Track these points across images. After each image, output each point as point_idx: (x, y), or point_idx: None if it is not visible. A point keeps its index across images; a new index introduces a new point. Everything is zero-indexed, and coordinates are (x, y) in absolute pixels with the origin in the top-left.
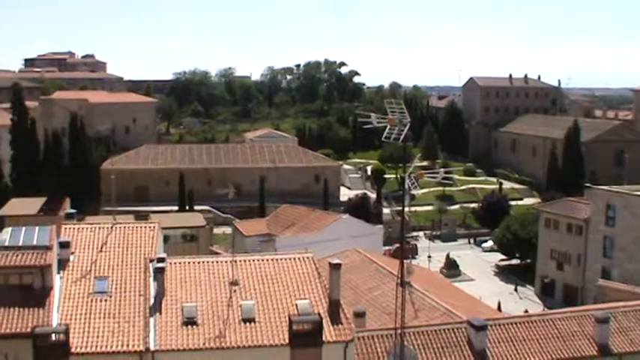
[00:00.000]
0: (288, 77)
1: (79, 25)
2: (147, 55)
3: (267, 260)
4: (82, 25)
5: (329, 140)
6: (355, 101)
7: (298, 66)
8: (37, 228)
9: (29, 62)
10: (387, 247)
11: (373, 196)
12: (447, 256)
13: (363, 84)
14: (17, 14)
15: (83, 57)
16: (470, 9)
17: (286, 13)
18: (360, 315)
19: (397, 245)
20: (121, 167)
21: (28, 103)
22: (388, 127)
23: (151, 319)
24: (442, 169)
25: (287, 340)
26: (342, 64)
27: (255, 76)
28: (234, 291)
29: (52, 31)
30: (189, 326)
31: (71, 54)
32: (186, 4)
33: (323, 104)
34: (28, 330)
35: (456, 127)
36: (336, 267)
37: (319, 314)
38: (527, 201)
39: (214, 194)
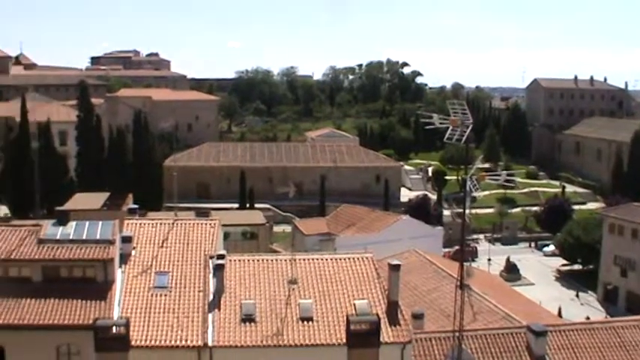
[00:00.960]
0: (351, 77)
1: (144, 24)
2: (210, 54)
3: (327, 259)
4: (147, 24)
5: (390, 140)
6: (417, 102)
7: (360, 66)
8: (100, 222)
9: (95, 60)
10: (446, 249)
11: (434, 197)
12: (507, 259)
13: (425, 84)
14: (85, 14)
15: (148, 55)
16: (535, 9)
17: (349, 13)
18: (418, 317)
19: (457, 247)
20: (183, 164)
21: (94, 100)
22: (450, 128)
23: (210, 315)
24: (504, 172)
25: (344, 340)
26: (405, 64)
27: (317, 76)
28: (293, 289)
29: (118, 30)
30: (247, 323)
31: (136, 52)
32: (249, 3)
33: (385, 104)
34: (90, 322)
35: (519, 129)
36: (395, 268)
37: (377, 315)
38: (591, 205)
39: (275, 192)
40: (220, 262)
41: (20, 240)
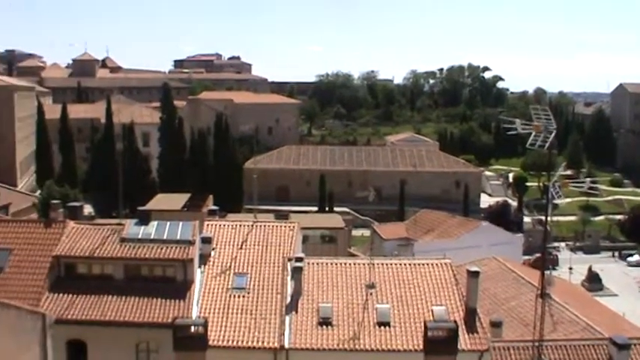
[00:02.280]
0: (431, 81)
1: (226, 28)
2: (291, 58)
3: (405, 264)
4: (230, 28)
5: (471, 146)
6: (498, 107)
7: (441, 70)
8: (181, 223)
9: (178, 63)
10: (526, 257)
11: (514, 203)
12: (590, 268)
13: (507, 89)
14: (169, 18)
15: (229, 59)
16: (620, 13)
17: (430, 17)
18: (496, 325)
19: (538, 255)
20: (264, 167)
21: (177, 103)
22: (533, 133)
23: (287, 317)
24: (588, 179)
25: (421, 346)
26: (486, 68)
27: (398, 80)
28: (371, 294)
29: (201, 34)
30: (324, 326)
31: (218, 56)
32: (329, 7)
33: (465, 109)
34: (169, 321)
35: (604, 135)
36: (474, 274)
37: (455, 322)
38: None
39: (354, 196)
40: (299, 264)
41: (103, 238)
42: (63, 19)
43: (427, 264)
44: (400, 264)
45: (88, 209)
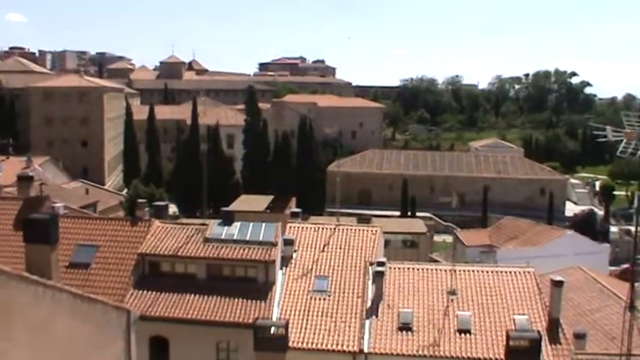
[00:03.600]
0: (517, 86)
1: (311, 31)
2: (376, 62)
3: (487, 272)
4: (314, 31)
5: (556, 153)
6: (586, 113)
7: (527, 75)
8: (263, 224)
9: (263, 66)
10: (613, 268)
11: (600, 212)
12: None
13: (595, 95)
14: (254, 21)
15: (314, 62)
16: None
17: (516, 22)
18: (580, 336)
19: (625, 266)
20: (347, 170)
21: (261, 105)
22: (624, 141)
23: (367, 322)
24: None
25: (502, 356)
26: (573, 74)
27: (483, 85)
28: (452, 300)
29: (286, 37)
30: (404, 332)
31: (302, 59)
32: (416, 10)
33: (551, 115)
34: (250, 321)
35: None
36: (558, 284)
37: (538, 332)
38: None
39: (437, 201)
40: (380, 269)
41: (187, 238)
42: (151, 22)
43: (510, 272)
44: (482, 271)
45: (172, 209)
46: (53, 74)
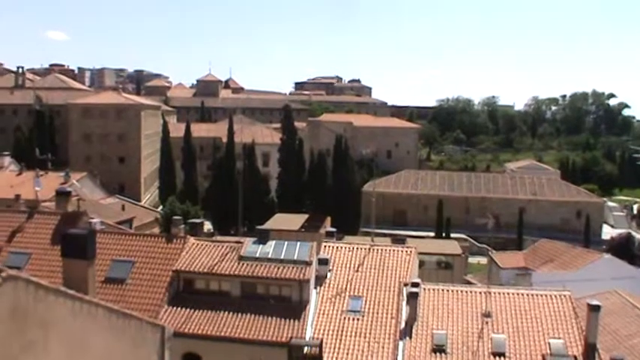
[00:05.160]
0: (553, 108)
1: (347, 51)
2: (411, 82)
3: (523, 294)
4: (350, 51)
5: (594, 175)
6: (624, 135)
7: (564, 96)
8: (298, 243)
9: (299, 85)
10: None
11: (638, 236)
12: None
13: (633, 117)
14: (291, 41)
15: (349, 82)
16: None
17: (553, 43)
18: None
19: None
20: (382, 190)
21: (297, 124)
22: None
23: (401, 343)
24: None
25: None
26: (611, 95)
27: (519, 106)
28: (487, 323)
29: (322, 57)
30: (438, 354)
31: (338, 79)
32: (452, 30)
33: (589, 137)
34: (284, 340)
35: None
36: (594, 308)
37: (575, 357)
38: None
39: (471, 223)
40: (414, 290)
41: (222, 255)
42: (189, 40)
43: (546, 295)
44: (518, 294)
45: (207, 226)
46: (92, 91)
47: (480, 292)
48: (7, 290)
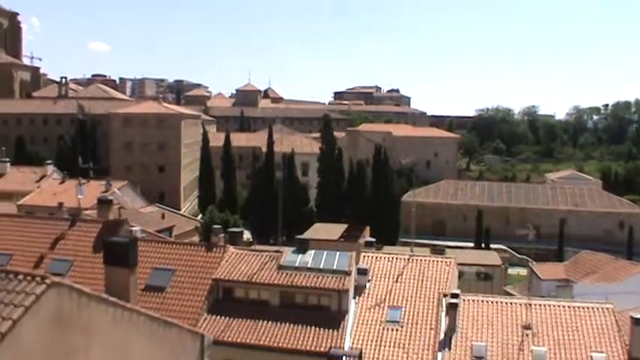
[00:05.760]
0: (595, 117)
1: (385, 61)
2: (450, 91)
3: (564, 307)
4: (389, 61)
5: (636, 185)
6: None
7: (606, 106)
8: (337, 253)
9: (338, 95)
10: None
11: None
12: None
13: None
14: (330, 50)
15: (388, 91)
16: None
17: (595, 51)
18: None
19: None
20: (421, 200)
21: (336, 134)
22: None
23: (439, 354)
24: None
25: None
26: None
27: (560, 115)
28: (527, 335)
29: (361, 67)
30: None
31: (377, 88)
32: (491, 39)
33: (631, 147)
34: (323, 350)
35: None
36: (638, 322)
37: None
38: None
39: (511, 233)
40: (454, 301)
41: (261, 264)
42: (228, 50)
43: (587, 307)
44: (559, 306)
45: (246, 235)
46: (133, 101)
47: (521, 304)
48: (51, 297)
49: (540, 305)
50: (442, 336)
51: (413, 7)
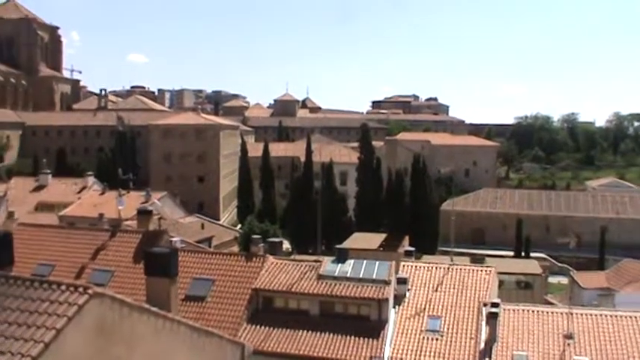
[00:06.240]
0: (636, 124)
1: (424, 70)
2: (489, 99)
3: (606, 316)
4: (428, 70)
5: None
6: None
7: None
8: (377, 262)
9: (376, 104)
10: None
11: None
12: None
13: None
14: (368, 60)
15: (427, 100)
16: None
17: (633, 58)
18: None
19: None
20: (460, 209)
21: (374, 143)
22: None
23: None
24: None
25: None
26: None
27: (600, 122)
28: (568, 345)
29: (399, 76)
30: None
31: (415, 97)
32: (530, 46)
33: None
34: (364, 359)
35: None
36: None
37: None
38: None
39: (551, 242)
40: (494, 310)
41: (301, 274)
42: (266, 61)
43: (630, 316)
44: (601, 315)
45: (285, 245)
46: (172, 112)
47: (562, 313)
48: (94, 307)
49: (582, 314)
50: (482, 345)
51: (451, 16)
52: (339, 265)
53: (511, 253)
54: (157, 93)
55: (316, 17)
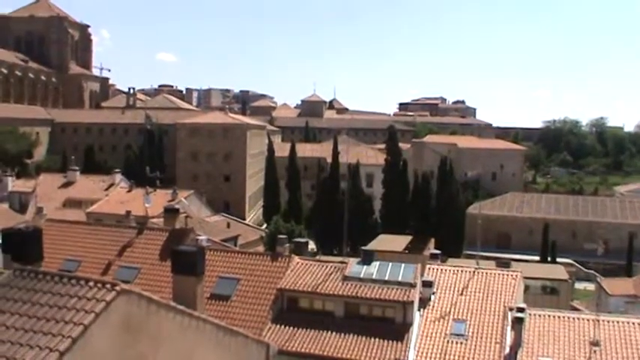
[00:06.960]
0: None
1: (451, 72)
2: (516, 103)
3: (633, 323)
4: (455, 72)
5: None
6: None
7: None
8: (402, 265)
9: (403, 106)
10: None
11: None
12: None
13: None
14: (395, 61)
15: (454, 103)
16: None
17: None
18: None
19: None
20: (486, 213)
21: (401, 145)
22: None
23: None
24: None
25: None
26: None
27: (629, 127)
28: (595, 352)
29: (426, 78)
30: None
31: (442, 100)
32: (557, 50)
33: None
34: None
35: None
36: None
37: None
38: None
39: (579, 247)
40: (520, 315)
41: (326, 275)
42: (293, 61)
43: None
44: (628, 322)
45: (310, 245)
46: (199, 111)
47: (588, 320)
48: (121, 304)
49: (609, 321)
50: (507, 350)
51: (478, 19)
52: (365, 266)
53: (537, 258)
54: (184, 92)
55: (343, 19)
